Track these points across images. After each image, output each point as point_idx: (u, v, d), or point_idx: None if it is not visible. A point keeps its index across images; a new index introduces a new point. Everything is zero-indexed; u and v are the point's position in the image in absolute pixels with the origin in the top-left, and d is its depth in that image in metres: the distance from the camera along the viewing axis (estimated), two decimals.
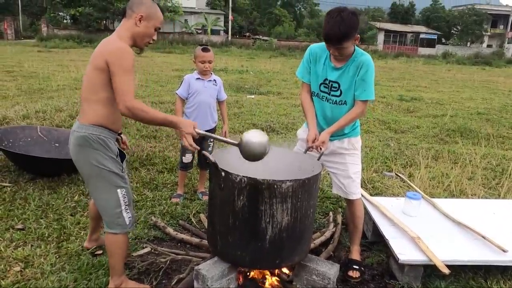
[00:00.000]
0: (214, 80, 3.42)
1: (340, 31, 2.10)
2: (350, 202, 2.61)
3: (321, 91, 2.43)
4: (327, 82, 2.39)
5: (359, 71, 2.28)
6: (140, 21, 1.97)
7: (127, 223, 2.09)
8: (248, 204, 1.94)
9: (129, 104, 1.83)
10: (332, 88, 2.38)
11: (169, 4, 33.92)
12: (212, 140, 3.54)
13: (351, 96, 2.35)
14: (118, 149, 2.09)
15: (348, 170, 2.50)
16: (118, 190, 2.04)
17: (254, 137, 1.98)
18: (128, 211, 2.09)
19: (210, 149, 3.52)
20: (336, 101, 2.39)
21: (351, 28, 2.12)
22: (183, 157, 3.50)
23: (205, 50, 3.26)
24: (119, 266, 2.14)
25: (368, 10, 59.81)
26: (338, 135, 2.45)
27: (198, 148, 2.03)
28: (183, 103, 3.39)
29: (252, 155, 1.99)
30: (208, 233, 2.28)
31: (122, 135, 2.38)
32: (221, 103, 3.53)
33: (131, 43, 2.00)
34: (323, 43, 2.29)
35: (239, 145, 1.99)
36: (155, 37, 2.07)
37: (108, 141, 2.00)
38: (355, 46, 2.32)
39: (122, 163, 2.09)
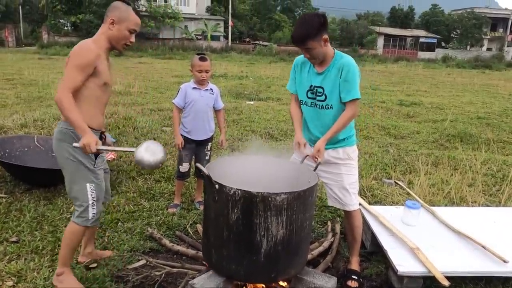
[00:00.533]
0: (211, 89, 3.39)
1: (301, 31, 2.21)
2: (348, 213, 2.58)
3: (308, 98, 2.45)
4: (312, 88, 2.42)
5: (341, 73, 2.30)
6: (112, 24, 2.12)
7: (90, 217, 2.19)
8: (242, 217, 1.91)
9: (60, 95, 1.98)
10: (317, 93, 2.40)
11: (169, 11, 34.09)
12: (209, 148, 3.51)
13: (336, 99, 2.35)
14: None
15: (343, 181, 2.48)
16: (87, 184, 2.16)
17: (146, 157, 1.99)
18: (95, 206, 2.19)
19: (207, 158, 3.50)
20: (322, 105, 2.40)
21: (312, 27, 2.20)
22: (180, 166, 3.47)
23: (202, 59, 3.24)
24: (67, 255, 2.25)
25: (368, 14, 59.87)
26: (332, 143, 2.43)
27: (95, 151, 2.02)
28: (180, 112, 3.37)
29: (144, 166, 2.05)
30: (203, 245, 2.25)
31: (105, 134, 2.41)
32: (217, 112, 3.50)
33: (108, 46, 2.16)
34: None
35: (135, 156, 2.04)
36: (132, 39, 2.19)
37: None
38: (335, 50, 2.36)
39: (96, 159, 2.19)
